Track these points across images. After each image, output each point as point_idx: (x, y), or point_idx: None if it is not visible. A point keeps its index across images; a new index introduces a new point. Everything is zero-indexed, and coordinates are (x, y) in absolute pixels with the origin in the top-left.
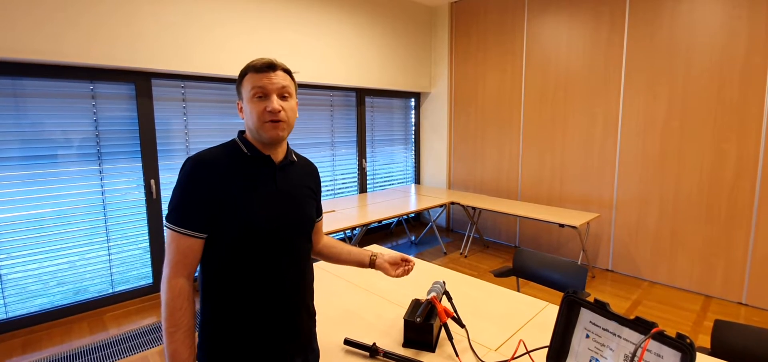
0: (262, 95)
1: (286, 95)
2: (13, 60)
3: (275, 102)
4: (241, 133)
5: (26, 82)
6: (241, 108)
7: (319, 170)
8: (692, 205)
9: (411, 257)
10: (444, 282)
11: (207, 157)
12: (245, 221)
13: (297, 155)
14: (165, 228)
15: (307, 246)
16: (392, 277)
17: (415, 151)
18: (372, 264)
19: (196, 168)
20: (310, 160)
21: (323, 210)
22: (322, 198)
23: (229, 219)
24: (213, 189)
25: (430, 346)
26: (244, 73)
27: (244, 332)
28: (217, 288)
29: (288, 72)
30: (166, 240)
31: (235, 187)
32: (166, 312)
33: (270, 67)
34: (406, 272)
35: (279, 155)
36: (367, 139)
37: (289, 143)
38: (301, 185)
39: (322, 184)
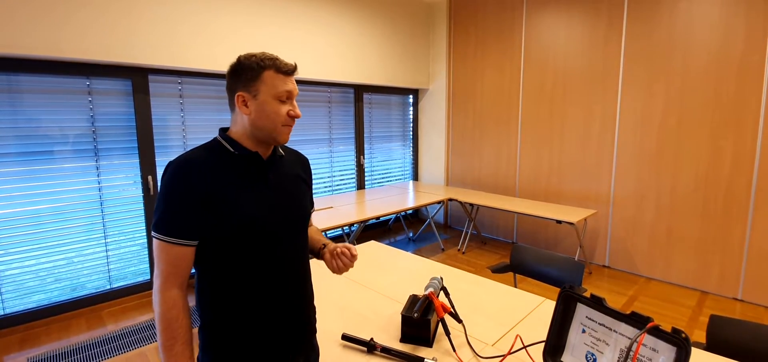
0: (287, 99)
1: None
2: (8, 55)
3: (297, 107)
4: (223, 130)
5: (22, 78)
6: (245, 101)
7: (311, 162)
8: (689, 202)
9: (352, 247)
10: (441, 278)
11: (189, 159)
12: (237, 221)
13: (284, 148)
14: (153, 238)
15: (303, 241)
16: (331, 270)
17: (413, 147)
18: (320, 254)
19: (178, 172)
20: (303, 153)
21: (315, 205)
22: (318, 194)
23: (219, 222)
24: (199, 193)
25: (428, 341)
26: (262, 67)
27: (246, 333)
28: (215, 290)
29: None
30: (154, 250)
31: (224, 188)
32: (161, 326)
33: (294, 70)
34: (342, 266)
35: (267, 151)
36: (365, 135)
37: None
38: (292, 178)
39: (320, 181)
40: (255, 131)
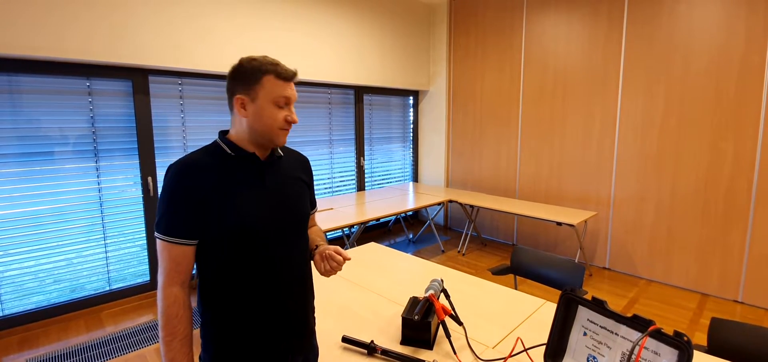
0: (285, 104)
1: None
2: (11, 56)
3: (294, 113)
4: (223, 133)
5: (22, 79)
6: (243, 104)
7: (312, 163)
8: (689, 204)
9: (343, 251)
10: (442, 280)
11: (190, 162)
12: (235, 222)
13: (283, 149)
14: (155, 237)
15: (303, 242)
16: (318, 272)
17: (413, 149)
18: (311, 255)
19: (179, 174)
20: (303, 153)
21: (317, 205)
22: (319, 195)
23: (218, 222)
24: (199, 194)
25: (428, 344)
26: (262, 72)
27: (245, 333)
28: (215, 290)
29: None
30: (157, 249)
31: (222, 189)
32: (162, 321)
33: (294, 76)
34: (329, 269)
35: (265, 152)
36: (365, 136)
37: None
38: (291, 179)
39: (321, 182)
40: (252, 134)
